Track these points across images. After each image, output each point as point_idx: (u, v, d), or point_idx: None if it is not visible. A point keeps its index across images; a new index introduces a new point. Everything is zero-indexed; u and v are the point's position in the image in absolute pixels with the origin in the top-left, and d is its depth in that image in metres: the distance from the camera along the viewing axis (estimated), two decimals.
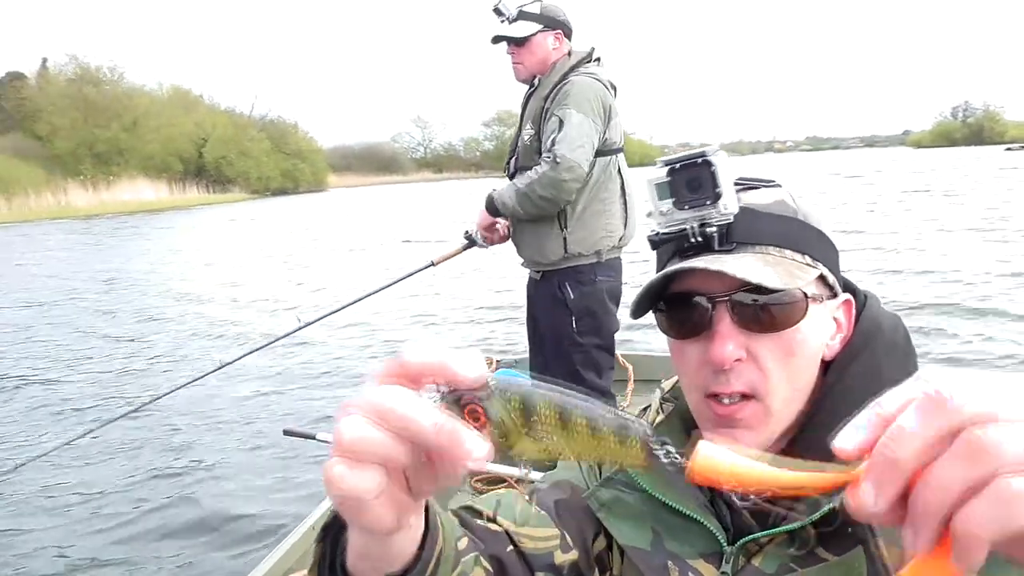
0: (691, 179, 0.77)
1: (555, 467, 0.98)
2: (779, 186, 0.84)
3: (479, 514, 0.85)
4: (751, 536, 0.78)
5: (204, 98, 58.61)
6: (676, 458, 0.49)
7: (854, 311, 0.84)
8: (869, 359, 0.80)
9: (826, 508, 0.72)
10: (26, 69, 52.08)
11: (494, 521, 0.84)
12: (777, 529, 0.76)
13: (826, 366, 0.82)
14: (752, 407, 0.78)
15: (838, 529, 0.73)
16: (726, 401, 0.78)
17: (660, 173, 0.79)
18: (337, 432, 0.44)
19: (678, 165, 0.78)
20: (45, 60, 50.86)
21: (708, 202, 0.76)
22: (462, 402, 0.45)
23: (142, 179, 43.16)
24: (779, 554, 0.77)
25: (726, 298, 0.76)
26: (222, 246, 18.85)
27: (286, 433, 2.97)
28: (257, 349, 3.34)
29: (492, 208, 3.06)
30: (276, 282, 12.24)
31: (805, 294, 0.76)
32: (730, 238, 0.77)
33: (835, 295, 0.82)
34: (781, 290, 0.74)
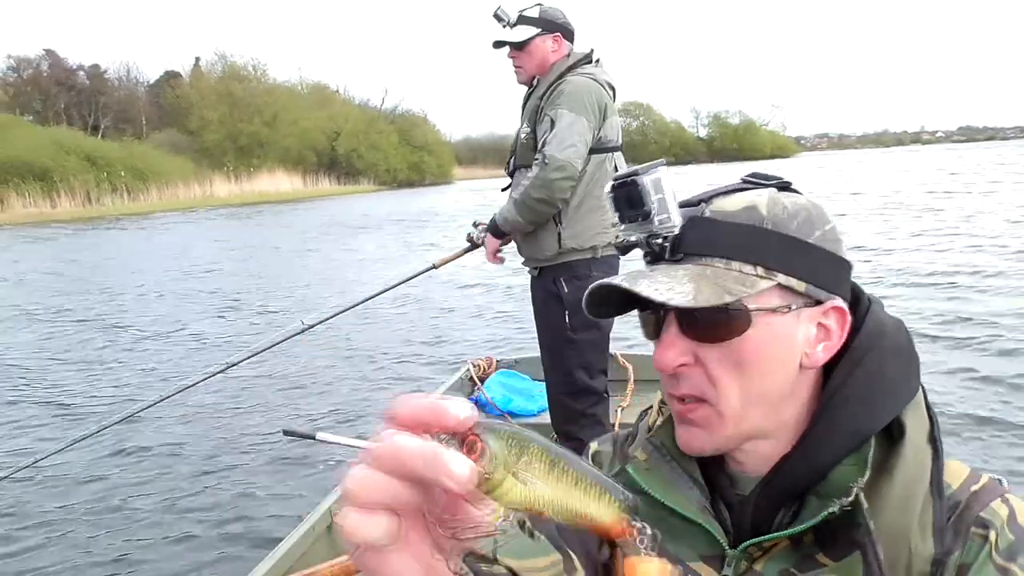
0: (627, 196, 0.81)
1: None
2: (773, 187, 0.84)
3: (481, 557, 0.84)
4: (754, 540, 0.79)
5: (340, 92, 61.40)
6: (647, 537, 0.50)
7: (850, 318, 0.82)
8: (873, 362, 0.80)
9: (825, 513, 0.73)
10: (182, 68, 56.56)
11: (496, 562, 0.84)
12: (779, 533, 0.77)
13: (827, 369, 0.82)
14: (704, 409, 0.80)
15: (837, 534, 0.74)
16: (685, 401, 0.82)
17: (607, 189, 0.84)
18: (343, 485, 0.45)
19: (616, 183, 0.82)
20: (198, 59, 54.93)
21: (641, 219, 0.80)
22: (461, 436, 0.45)
23: (279, 171, 45.78)
24: (781, 558, 0.78)
25: (673, 307, 0.78)
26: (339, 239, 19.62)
27: (285, 433, 3.01)
28: (263, 350, 3.40)
29: (496, 231, 3.15)
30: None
31: (747, 307, 0.77)
32: (680, 249, 0.80)
33: (818, 302, 0.81)
34: (701, 307, 0.75)
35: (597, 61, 3.13)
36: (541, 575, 0.85)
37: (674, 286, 0.76)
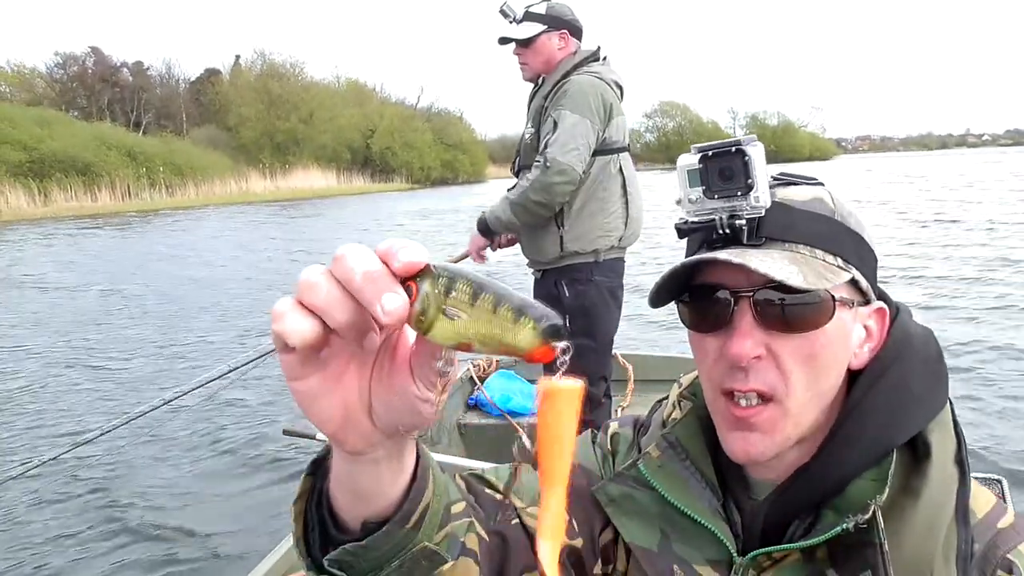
0: (723, 168, 0.75)
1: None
2: (820, 184, 0.81)
3: (488, 484, 0.85)
4: (764, 549, 0.76)
5: (376, 90, 61.76)
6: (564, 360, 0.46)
7: (888, 321, 0.80)
8: (898, 373, 0.77)
9: (839, 528, 0.70)
10: (222, 65, 57.49)
11: (503, 494, 0.85)
12: (791, 545, 0.74)
13: (851, 376, 0.79)
14: (769, 410, 0.76)
15: (851, 551, 0.71)
16: (743, 403, 0.76)
17: (692, 159, 0.77)
18: (299, 279, 0.45)
19: (711, 152, 0.76)
20: (238, 57, 55.75)
21: (739, 193, 0.74)
22: (401, 277, 0.46)
23: (314, 168, 46.18)
24: (791, 571, 0.75)
25: (749, 294, 0.74)
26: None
27: (285, 432, 2.97)
28: (269, 352, 3.36)
29: (484, 228, 3.08)
30: None
31: (833, 297, 0.74)
32: (760, 232, 0.75)
33: (868, 302, 0.79)
34: (807, 290, 0.72)
35: (604, 59, 3.05)
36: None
37: (780, 266, 0.71)
